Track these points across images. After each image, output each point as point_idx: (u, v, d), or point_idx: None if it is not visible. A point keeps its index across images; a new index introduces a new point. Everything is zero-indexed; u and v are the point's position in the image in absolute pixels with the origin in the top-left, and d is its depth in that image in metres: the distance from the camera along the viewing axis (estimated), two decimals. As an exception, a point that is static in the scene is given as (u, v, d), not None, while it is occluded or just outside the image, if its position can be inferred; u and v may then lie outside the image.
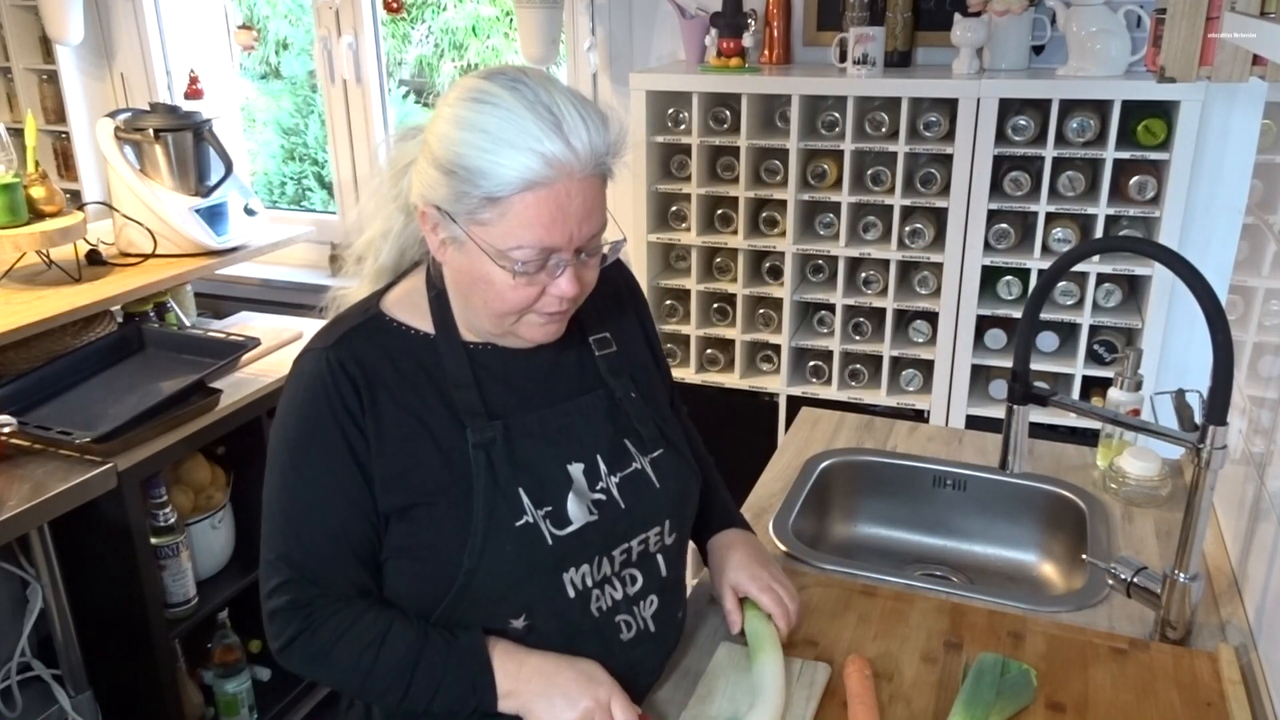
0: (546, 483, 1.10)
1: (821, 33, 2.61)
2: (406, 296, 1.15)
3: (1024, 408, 1.32)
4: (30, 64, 3.47)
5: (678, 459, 1.20)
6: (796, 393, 2.58)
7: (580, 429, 1.14)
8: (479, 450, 1.08)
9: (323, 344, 1.10)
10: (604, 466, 1.14)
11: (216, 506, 2.20)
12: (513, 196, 0.98)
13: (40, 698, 1.96)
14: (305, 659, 1.10)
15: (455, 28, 3.81)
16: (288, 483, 1.09)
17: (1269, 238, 1.41)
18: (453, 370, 1.11)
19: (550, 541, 1.08)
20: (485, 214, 1.00)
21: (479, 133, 0.98)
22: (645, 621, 1.17)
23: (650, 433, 1.18)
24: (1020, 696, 1.16)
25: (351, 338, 1.10)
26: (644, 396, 1.20)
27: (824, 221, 2.49)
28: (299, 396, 1.09)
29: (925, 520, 1.73)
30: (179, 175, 2.62)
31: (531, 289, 1.04)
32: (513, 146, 0.97)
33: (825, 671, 1.20)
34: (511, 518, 1.07)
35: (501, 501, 1.07)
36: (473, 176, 0.98)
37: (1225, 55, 1.27)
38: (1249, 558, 1.34)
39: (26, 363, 2.21)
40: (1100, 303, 2.30)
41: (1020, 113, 2.26)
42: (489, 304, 1.06)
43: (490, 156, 0.97)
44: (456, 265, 1.06)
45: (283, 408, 1.11)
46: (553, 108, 0.98)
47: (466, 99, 1.01)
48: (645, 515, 1.15)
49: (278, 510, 1.09)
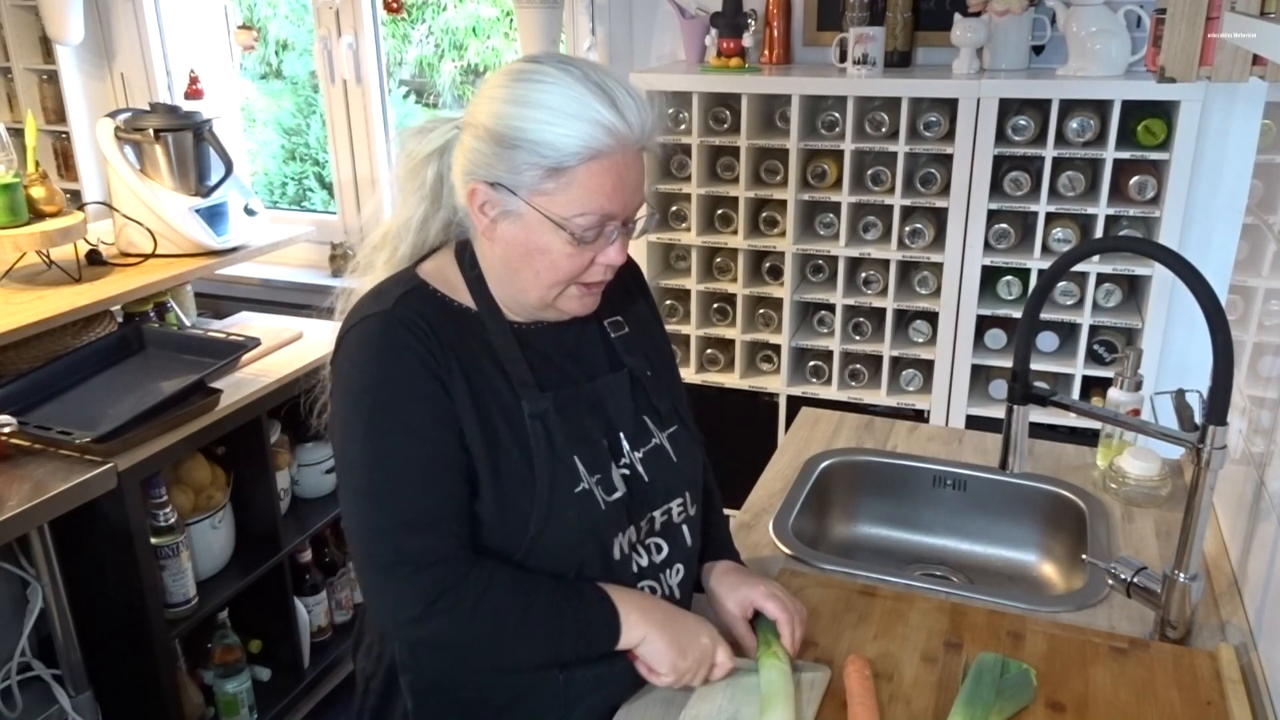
0: (597, 451, 1.14)
1: (821, 33, 2.61)
2: (440, 272, 1.16)
3: (1024, 408, 1.32)
4: (30, 64, 3.47)
5: (688, 434, 1.25)
6: (796, 393, 2.58)
7: (609, 404, 1.18)
8: (535, 420, 1.11)
9: (381, 307, 1.09)
10: (627, 443, 1.18)
11: (216, 506, 2.20)
12: (579, 166, 1.03)
13: (40, 698, 1.96)
14: (454, 619, 1.06)
15: (455, 28, 3.81)
16: (392, 446, 1.06)
17: (1269, 238, 1.41)
18: (501, 344, 1.13)
19: (603, 507, 1.13)
20: (549, 184, 1.04)
21: (540, 107, 1.02)
22: (672, 589, 1.22)
23: (666, 409, 1.23)
24: (1020, 696, 1.16)
25: (407, 300, 1.11)
26: (658, 375, 1.24)
27: (824, 221, 2.49)
28: (375, 359, 1.07)
29: (925, 520, 1.73)
30: (179, 175, 2.62)
31: (584, 257, 1.08)
32: (576, 118, 1.02)
33: (825, 672, 1.20)
34: (571, 484, 1.11)
35: (562, 468, 1.11)
36: (538, 148, 1.02)
37: (1225, 55, 1.27)
38: (1249, 558, 1.34)
39: (26, 363, 2.21)
40: (1100, 303, 2.30)
41: (1020, 113, 2.26)
42: (541, 274, 1.09)
43: (555, 128, 1.01)
44: (510, 238, 1.08)
45: (356, 374, 1.08)
46: (603, 85, 1.04)
47: (518, 79, 1.05)
48: (667, 487, 1.21)
49: (392, 472, 1.06)
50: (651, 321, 1.30)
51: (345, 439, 1.09)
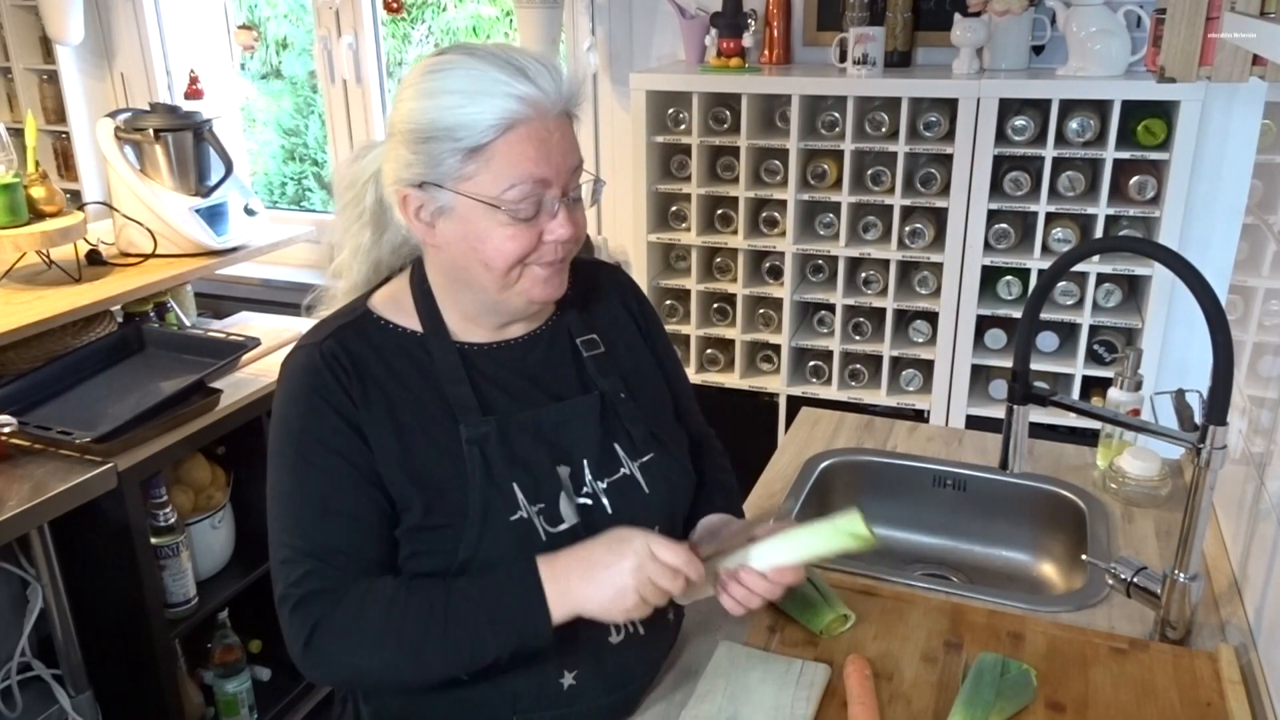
0: (540, 480, 1.10)
1: (821, 33, 2.61)
2: (392, 297, 1.15)
3: (1024, 408, 1.32)
4: (30, 64, 3.48)
5: (669, 462, 1.19)
6: (796, 393, 2.58)
7: (571, 431, 1.13)
8: (473, 445, 1.08)
9: (312, 340, 1.11)
10: (589, 473, 1.13)
11: (216, 506, 2.20)
12: (496, 141, 1.00)
13: (40, 698, 1.96)
14: (334, 639, 1.03)
15: (455, 28, 3.80)
16: (299, 475, 1.07)
17: (1269, 238, 1.41)
18: (444, 367, 1.11)
19: (544, 538, 1.08)
20: (470, 166, 1.02)
21: (447, 94, 1.01)
22: (635, 624, 1.15)
23: (641, 434, 1.17)
24: (1020, 696, 1.16)
25: (340, 334, 1.11)
26: (636, 398, 1.19)
27: (824, 221, 2.49)
28: (295, 390, 1.08)
29: (925, 520, 1.73)
30: (179, 175, 2.62)
31: (528, 235, 1.05)
32: (485, 94, 1.00)
33: (825, 671, 1.20)
34: (506, 512, 1.07)
35: (496, 495, 1.07)
36: (452, 133, 1.01)
37: (1225, 55, 1.27)
38: (1249, 558, 1.34)
39: (26, 363, 2.21)
40: (1100, 303, 2.30)
41: (1020, 113, 2.26)
42: (492, 264, 1.06)
43: (465, 110, 1.00)
44: (451, 236, 1.06)
45: (280, 406, 1.10)
46: (511, 60, 1.02)
47: (426, 74, 1.04)
48: (634, 521, 1.11)
49: (291, 505, 1.07)
50: (639, 341, 1.25)
51: (272, 461, 1.09)
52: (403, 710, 1.16)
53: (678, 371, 1.32)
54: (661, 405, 1.25)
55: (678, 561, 1.02)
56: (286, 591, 1.05)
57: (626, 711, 1.18)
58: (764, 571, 1.09)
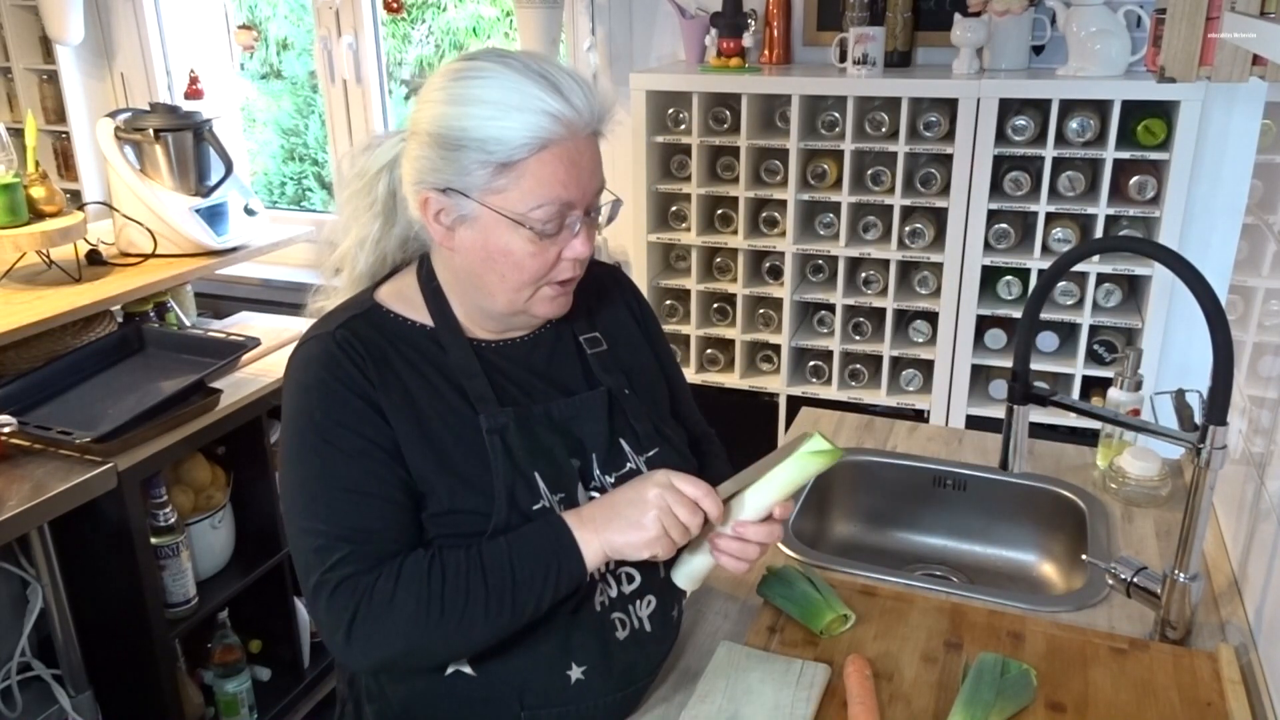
0: (561, 470, 1.11)
1: (821, 33, 2.61)
2: (399, 292, 1.15)
3: (1024, 408, 1.32)
4: (30, 64, 3.47)
5: (674, 457, 1.20)
6: (796, 393, 2.58)
7: (582, 425, 1.14)
8: (494, 435, 1.08)
9: (324, 329, 1.10)
10: (597, 467, 1.14)
11: (216, 506, 2.20)
12: (529, 159, 1.00)
13: (40, 698, 1.96)
14: (375, 622, 1.01)
15: (455, 28, 3.80)
16: (324, 460, 1.05)
17: (1269, 238, 1.41)
18: (459, 360, 1.11)
19: None
20: (500, 181, 1.01)
21: (481, 104, 0.99)
22: (641, 621, 1.16)
23: (646, 430, 1.18)
24: (1020, 696, 1.16)
25: (351, 323, 1.10)
26: (639, 394, 1.20)
27: (824, 221, 2.49)
28: (310, 379, 1.07)
29: (925, 520, 1.73)
30: (179, 175, 2.62)
31: (548, 254, 1.05)
32: (520, 110, 0.99)
33: (825, 671, 1.20)
34: (530, 500, 1.08)
35: (520, 483, 1.08)
36: (484, 145, 1.00)
37: (1225, 55, 1.27)
38: (1249, 558, 1.34)
39: (26, 363, 2.21)
40: (1100, 303, 2.30)
41: (1020, 113, 2.26)
42: (507, 277, 1.06)
43: (499, 122, 0.99)
44: (469, 244, 1.06)
45: (294, 397, 1.08)
46: (545, 73, 1.01)
47: (456, 78, 1.02)
48: None
49: (319, 490, 1.05)
50: (640, 340, 1.26)
51: (283, 462, 1.08)
52: (407, 709, 1.15)
53: (676, 372, 1.33)
54: (662, 403, 1.26)
55: (697, 493, 1.04)
56: (322, 579, 1.02)
57: (629, 710, 1.18)
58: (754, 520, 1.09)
